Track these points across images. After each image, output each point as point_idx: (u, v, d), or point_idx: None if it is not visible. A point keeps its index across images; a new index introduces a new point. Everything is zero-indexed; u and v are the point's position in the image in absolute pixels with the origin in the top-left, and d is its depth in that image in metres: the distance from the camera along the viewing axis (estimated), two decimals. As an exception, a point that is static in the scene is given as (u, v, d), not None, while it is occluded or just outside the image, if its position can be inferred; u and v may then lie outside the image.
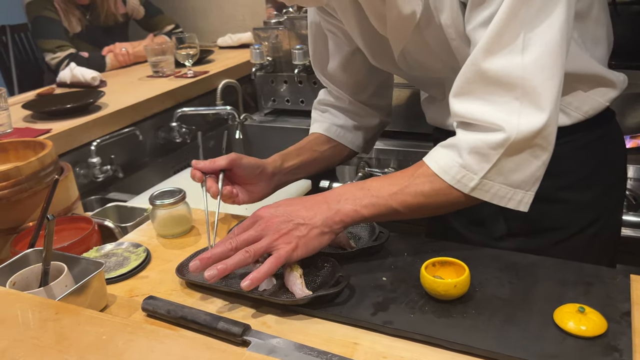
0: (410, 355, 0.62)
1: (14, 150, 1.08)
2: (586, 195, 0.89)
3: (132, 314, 0.74)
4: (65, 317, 0.58)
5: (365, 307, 0.69)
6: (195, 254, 0.83)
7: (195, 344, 0.54)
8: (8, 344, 0.54)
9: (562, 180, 0.87)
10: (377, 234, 0.84)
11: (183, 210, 0.95)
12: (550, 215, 0.89)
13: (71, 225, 0.96)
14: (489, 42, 0.67)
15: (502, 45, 0.67)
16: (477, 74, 0.70)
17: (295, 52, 1.81)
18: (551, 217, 0.89)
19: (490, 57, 0.68)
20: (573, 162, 0.87)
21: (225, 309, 0.73)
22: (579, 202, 0.89)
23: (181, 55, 1.99)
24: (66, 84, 1.96)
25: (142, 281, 0.82)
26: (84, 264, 0.76)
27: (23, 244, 0.87)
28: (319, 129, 1.06)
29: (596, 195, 0.90)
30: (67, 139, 1.46)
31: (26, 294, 0.64)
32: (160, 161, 1.78)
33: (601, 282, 0.71)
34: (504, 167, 0.71)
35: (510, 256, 0.78)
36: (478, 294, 0.70)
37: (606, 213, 0.93)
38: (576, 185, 0.89)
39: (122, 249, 0.89)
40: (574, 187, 0.88)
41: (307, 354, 0.62)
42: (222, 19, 2.85)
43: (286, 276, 0.74)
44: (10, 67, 2.99)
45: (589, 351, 0.59)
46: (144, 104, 1.71)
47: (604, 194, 0.91)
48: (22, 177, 0.94)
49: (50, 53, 2.12)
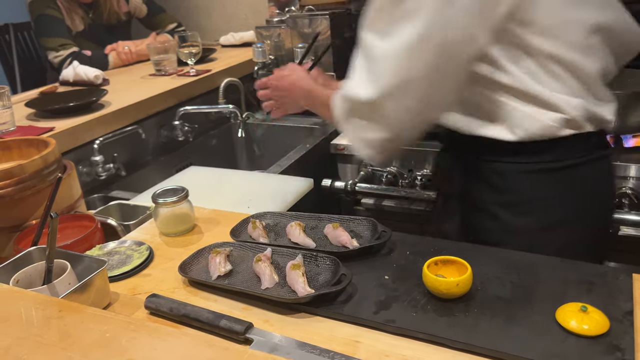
0: (412, 353, 0.62)
1: (17, 148, 1.08)
2: (521, 220, 0.90)
3: (135, 311, 0.74)
4: (69, 314, 0.58)
5: (368, 305, 0.69)
6: (198, 252, 0.84)
7: (198, 342, 0.54)
8: (12, 342, 0.55)
9: (499, 197, 0.91)
10: (379, 233, 0.84)
11: (186, 209, 0.95)
12: (482, 226, 0.94)
13: (74, 223, 0.96)
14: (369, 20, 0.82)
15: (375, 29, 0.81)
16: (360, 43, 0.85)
17: (297, 50, 1.81)
18: (483, 228, 0.94)
19: (366, 31, 0.83)
20: (517, 183, 0.89)
21: (227, 307, 0.73)
22: (510, 224, 0.90)
23: (184, 54, 1.99)
24: (69, 82, 1.96)
25: (145, 279, 0.82)
26: (87, 262, 0.77)
27: (26, 242, 0.87)
28: None
29: (535, 223, 0.89)
30: (70, 137, 1.46)
31: (30, 292, 0.65)
32: (163, 159, 1.78)
33: (603, 281, 0.71)
34: (352, 120, 0.88)
35: (512, 255, 0.78)
36: (480, 292, 0.70)
37: (559, 244, 0.89)
38: (512, 206, 0.90)
39: (125, 247, 0.90)
40: (509, 207, 0.90)
41: (309, 352, 0.62)
42: (224, 18, 2.85)
43: (288, 274, 0.74)
44: (14, 65, 2.99)
45: (591, 350, 0.59)
46: (146, 102, 1.71)
47: (553, 225, 0.89)
48: (26, 175, 0.94)
49: (53, 51, 2.12)
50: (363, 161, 1.64)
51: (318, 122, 1.88)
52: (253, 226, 0.90)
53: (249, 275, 0.78)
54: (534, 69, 0.81)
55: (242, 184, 1.34)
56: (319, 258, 0.78)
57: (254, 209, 1.15)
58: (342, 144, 1.67)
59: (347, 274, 0.72)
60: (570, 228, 0.89)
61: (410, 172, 1.61)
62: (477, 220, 0.95)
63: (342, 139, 1.71)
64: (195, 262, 0.82)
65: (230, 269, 0.79)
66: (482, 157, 0.91)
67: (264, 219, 0.93)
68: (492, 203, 0.92)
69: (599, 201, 0.93)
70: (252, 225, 0.90)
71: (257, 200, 1.23)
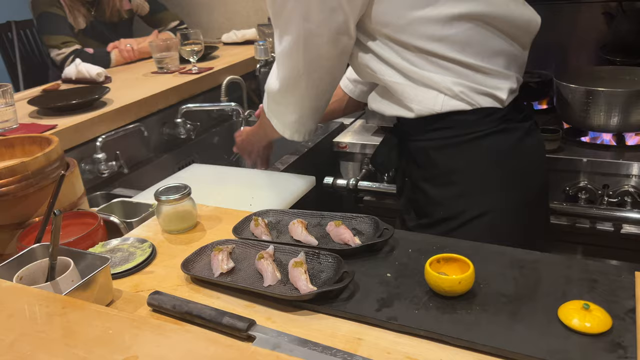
0: (414, 351, 0.62)
1: (20, 145, 1.09)
2: (442, 191, 1.03)
3: (138, 308, 0.74)
4: (72, 311, 0.59)
5: (370, 303, 0.70)
6: (200, 250, 0.84)
7: (201, 339, 0.54)
8: (15, 338, 0.55)
9: (423, 172, 1.05)
10: (382, 231, 0.84)
11: (188, 206, 0.95)
12: (415, 201, 1.10)
13: (77, 220, 0.96)
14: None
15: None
16: None
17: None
18: (416, 203, 1.09)
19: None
20: (434, 158, 1.02)
21: (230, 304, 0.73)
22: (434, 196, 1.04)
23: (186, 52, 1.99)
24: (71, 80, 1.96)
25: (148, 276, 0.82)
26: (90, 259, 0.77)
27: (29, 239, 0.88)
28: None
29: (454, 193, 1.02)
30: (72, 135, 1.46)
31: (33, 289, 0.65)
32: (165, 157, 1.78)
33: (606, 278, 0.71)
34: (271, 108, 1.19)
35: (515, 253, 0.79)
36: (483, 290, 0.70)
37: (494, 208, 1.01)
38: (433, 179, 1.04)
39: (127, 245, 0.90)
40: (430, 180, 1.04)
41: (312, 349, 0.62)
42: (226, 15, 2.85)
43: (291, 272, 0.74)
44: (16, 63, 3.00)
45: (593, 348, 0.60)
46: (148, 100, 1.71)
47: (471, 194, 1.01)
48: (29, 173, 0.94)
49: (55, 49, 2.13)
50: (365, 159, 1.64)
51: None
52: (255, 224, 0.90)
53: (252, 273, 0.78)
54: (409, 57, 0.97)
55: (244, 181, 1.34)
56: (322, 256, 0.78)
57: (256, 207, 1.15)
58: (345, 141, 1.67)
59: (349, 272, 0.72)
60: (488, 195, 1.01)
61: (412, 170, 1.61)
62: (413, 196, 1.11)
63: (344, 137, 1.71)
64: (198, 259, 0.82)
65: (232, 266, 0.79)
66: (408, 137, 1.07)
67: (266, 217, 0.94)
68: (419, 178, 1.07)
69: (512, 169, 1.01)
70: (255, 223, 0.90)
71: (259, 197, 1.23)
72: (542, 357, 0.59)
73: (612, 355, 0.58)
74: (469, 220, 1.01)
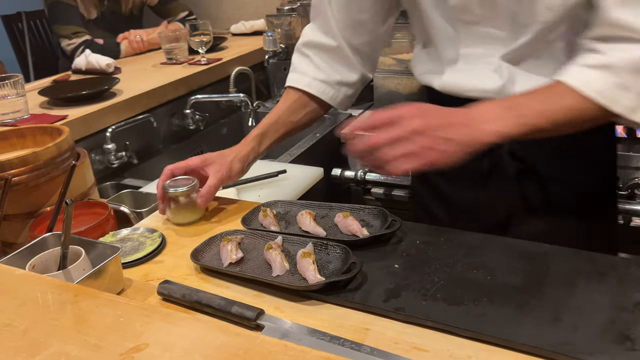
0: (422, 341, 0.63)
1: (31, 136, 1.10)
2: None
3: (148, 297, 0.75)
4: (84, 299, 0.59)
5: (377, 293, 0.70)
6: (209, 240, 0.84)
7: (210, 327, 0.55)
8: (29, 325, 0.56)
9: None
10: (389, 222, 0.84)
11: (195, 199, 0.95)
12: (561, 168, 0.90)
13: (88, 210, 0.97)
14: None
15: None
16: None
17: (309, 39, 1.80)
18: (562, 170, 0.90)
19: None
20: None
21: (239, 293, 0.74)
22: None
23: (195, 43, 1.99)
24: (81, 70, 1.97)
25: (158, 266, 0.83)
26: (101, 249, 0.78)
27: (41, 228, 0.89)
28: (299, 83, 1.04)
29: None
30: (82, 125, 1.47)
31: (46, 277, 0.66)
32: (174, 148, 1.79)
33: (614, 271, 0.71)
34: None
35: (523, 245, 0.78)
36: (490, 281, 0.71)
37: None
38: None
39: (137, 234, 0.91)
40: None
41: (320, 338, 0.63)
42: (235, 6, 2.84)
43: (299, 262, 0.75)
44: (26, 53, 3.02)
45: (601, 340, 0.60)
46: (158, 90, 1.72)
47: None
48: (40, 163, 0.95)
49: (66, 39, 2.14)
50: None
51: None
52: (264, 214, 0.90)
53: (260, 263, 0.79)
54: None
55: (253, 172, 1.35)
56: (329, 246, 0.78)
57: (264, 198, 1.16)
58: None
59: (357, 262, 0.72)
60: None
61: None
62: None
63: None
64: (207, 249, 0.83)
65: (241, 256, 0.80)
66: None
67: (275, 208, 0.94)
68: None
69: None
70: (263, 214, 0.90)
71: (268, 188, 1.24)
72: (549, 349, 0.59)
73: (620, 348, 0.58)
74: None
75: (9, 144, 1.09)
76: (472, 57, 0.89)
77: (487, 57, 0.87)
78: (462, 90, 0.90)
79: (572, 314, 0.64)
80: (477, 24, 0.85)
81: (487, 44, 0.87)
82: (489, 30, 0.85)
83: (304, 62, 1.05)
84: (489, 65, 0.87)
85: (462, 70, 0.90)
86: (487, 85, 0.87)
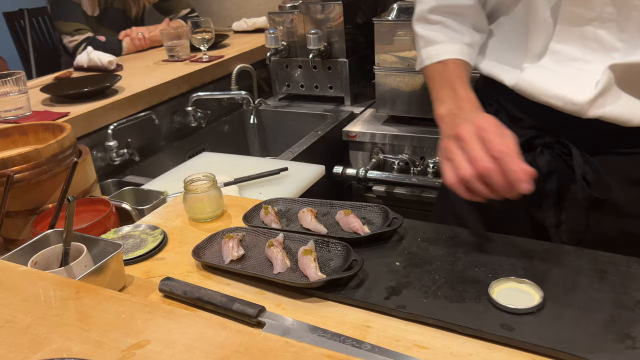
0: (422, 339, 0.63)
1: (33, 133, 1.10)
2: None
3: (149, 294, 0.75)
4: (86, 296, 0.60)
5: (379, 291, 0.70)
6: (211, 237, 0.85)
7: (212, 324, 0.55)
8: (31, 321, 0.56)
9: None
10: (391, 220, 0.84)
11: (215, 194, 0.95)
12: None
13: (89, 207, 0.98)
14: None
15: None
16: None
17: (310, 36, 1.80)
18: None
19: None
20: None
21: (240, 290, 0.74)
22: None
23: (196, 40, 1.99)
24: (83, 67, 1.97)
25: (159, 263, 0.83)
26: (103, 245, 0.78)
27: (43, 225, 0.89)
28: (452, 52, 0.83)
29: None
30: (84, 122, 1.47)
31: (48, 273, 0.66)
32: (176, 145, 1.79)
33: (616, 269, 0.71)
34: None
35: (524, 243, 0.78)
36: (491, 279, 0.71)
37: None
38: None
39: (139, 231, 0.91)
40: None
41: (321, 335, 0.63)
42: (237, 3, 2.84)
43: (300, 260, 0.75)
44: (29, 50, 3.02)
45: (602, 338, 0.60)
46: (159, 88, 1.72)
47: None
48: (42, 160, 0.95)
49: (68, 36, 2.14)
50: (375, 148, 1.64)
51: (329, 108, 1.88)
52: (265, 212, 0.90)
53: (262, 260, 0.79)
54: None
55: (254, 169, 1.35)
56: (331, 244, 0.78)
57: (266, 195, 1.16)
58: (354, 131, 1.67)
59: (358, 260, 0.73)
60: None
61: (422, 159, 1.61)
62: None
63: (354, 126, 1.70)
64: (209, 246, 0.83)
65: (242, 253, 0.80)
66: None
67: (276, 205, 0.94)
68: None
69: None
70: (265, 211, 0.91)
71: (269, 186, 1.24)
72: (550, 347, 0.59)
73: (620, 346, 0.58)
74: None
75: (11, 141, 1.09)
76: (562, 57, 0.74)
77: (584, 63, 0.72)
78: (542, 94, 0.75)
79: (573, 312, 0.64)
80: (589, 22, 0.69)
81: (588, 47, 0.71)
82: (601, 33, 0.70)
83: (440, 29, 0.86)
84: (584, 73, 0.72)
85: (547, 70, 0.75)
86: (577, 96, 0.72)
